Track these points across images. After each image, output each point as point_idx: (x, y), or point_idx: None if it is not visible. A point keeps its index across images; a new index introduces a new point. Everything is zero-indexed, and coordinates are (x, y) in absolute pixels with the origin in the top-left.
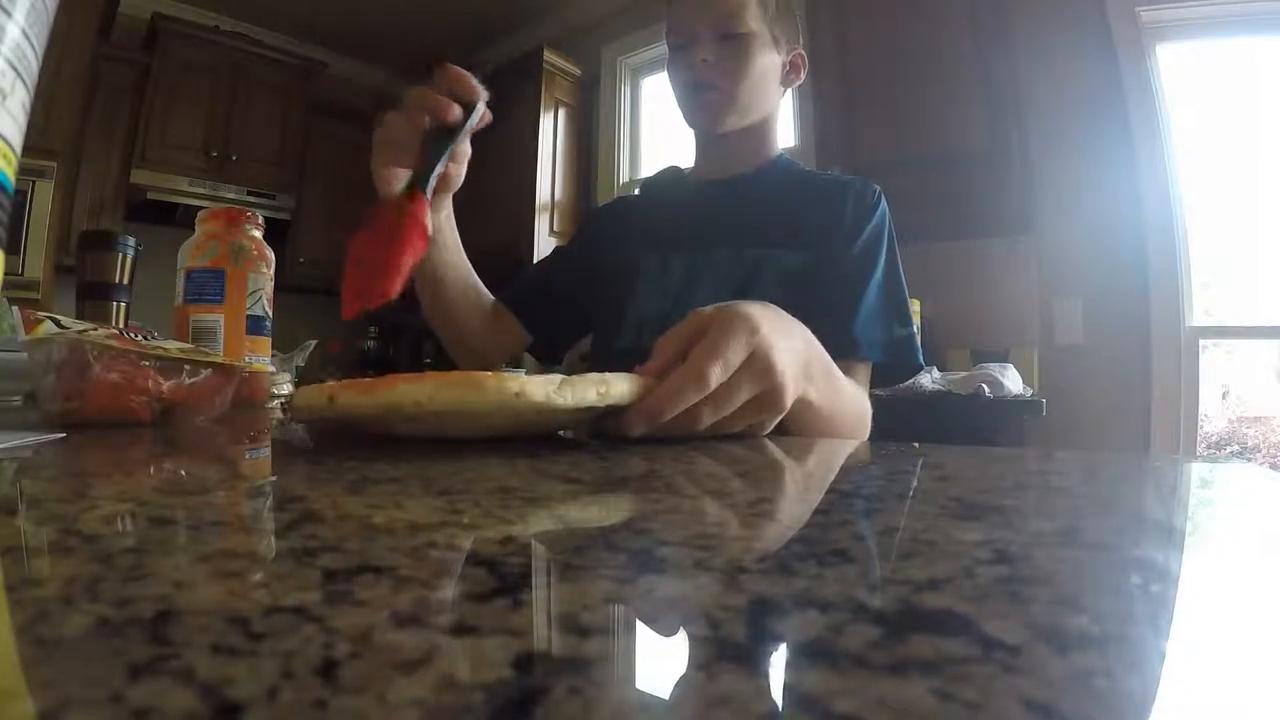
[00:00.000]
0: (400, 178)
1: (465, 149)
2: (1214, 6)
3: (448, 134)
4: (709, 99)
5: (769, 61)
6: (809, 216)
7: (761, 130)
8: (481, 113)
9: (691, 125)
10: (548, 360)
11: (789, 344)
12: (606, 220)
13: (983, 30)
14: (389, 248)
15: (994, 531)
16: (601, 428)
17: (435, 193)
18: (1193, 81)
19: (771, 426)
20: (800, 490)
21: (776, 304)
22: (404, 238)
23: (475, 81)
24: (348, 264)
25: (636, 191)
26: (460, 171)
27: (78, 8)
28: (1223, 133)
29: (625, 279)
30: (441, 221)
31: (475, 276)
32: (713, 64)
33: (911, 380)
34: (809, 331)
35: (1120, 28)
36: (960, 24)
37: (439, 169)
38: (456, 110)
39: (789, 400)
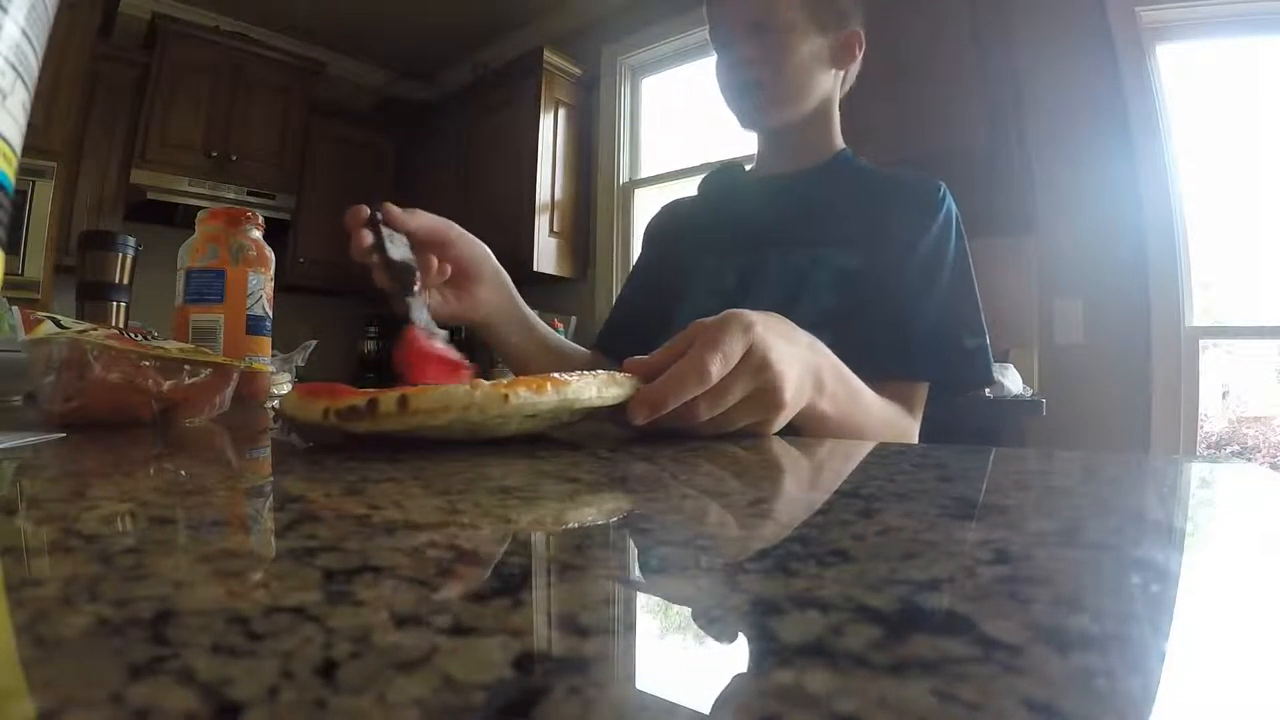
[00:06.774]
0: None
1: (426, 260)
2: (1214, 6)
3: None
4: (755, 97)
5: (812, 47)
6: (863, 219)
7: (819, 121)
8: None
9: (744, 125)
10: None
11: (790, 348)
12: (663, 228)
13: (983, 30)
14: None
15: (994, 531)
16: (608, 422)
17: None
18: (1193, 81)
19: (777, 426)
20: (800, 490)
21: (831, 310)
22: (412, 375)
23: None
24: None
25: (695, 191)
26: (444, 302)
27: (78, 8)
28: (1223, 133)
29: (680, 281)
30: (510, 335)
31: (565, 347)
32: (752, 60)
33: None
34: (817, 340)
35: (1120, 28)
36: (960, 23)
37: (415, 303)
38: (366, 236)
39: (788, 397)
